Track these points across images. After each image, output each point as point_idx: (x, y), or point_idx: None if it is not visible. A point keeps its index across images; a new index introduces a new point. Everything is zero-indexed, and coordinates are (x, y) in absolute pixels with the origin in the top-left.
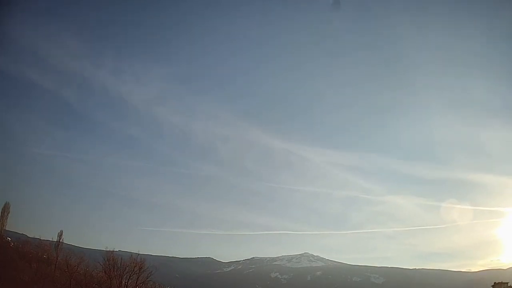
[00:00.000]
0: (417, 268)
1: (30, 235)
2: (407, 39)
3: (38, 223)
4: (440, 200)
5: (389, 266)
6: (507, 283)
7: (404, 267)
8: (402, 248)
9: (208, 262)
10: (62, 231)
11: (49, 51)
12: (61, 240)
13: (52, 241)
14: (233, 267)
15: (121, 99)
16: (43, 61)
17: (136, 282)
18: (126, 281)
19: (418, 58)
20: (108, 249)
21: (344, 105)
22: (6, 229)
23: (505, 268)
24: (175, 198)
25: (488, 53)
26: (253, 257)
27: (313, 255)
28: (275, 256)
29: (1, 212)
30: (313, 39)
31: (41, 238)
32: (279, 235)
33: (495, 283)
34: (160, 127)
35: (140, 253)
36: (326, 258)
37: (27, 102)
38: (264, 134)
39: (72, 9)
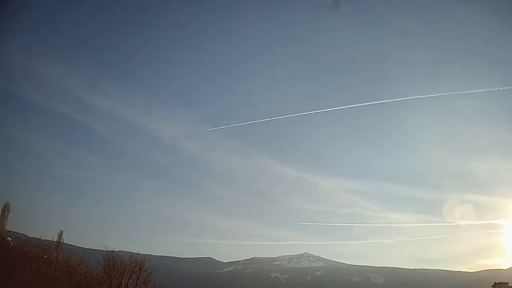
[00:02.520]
0: (417, 268)
1: (30, 235)
2: (405, 89)
3: (38, 223)
4: (437, 216)
5: (389, 266)
6: (507, 283)
7: (404, 267)
8: (402, 255)
9: (208, 262)
10: (62, 231)
11: (86, 92)
12: (61, 240)
13: (52, 241)
14: (233, 267)
15: (149, 133)
16: (80, 100)
17: (136, 282)
18: (126, 281)
19: (414, 104)
20: (108, 249)
21: (348, 143)
22: (6, 229)
23: (505, 268)
24: (187, 212)
25: (482, 98)
26: (253, 257)
27: (313, 255)
28: (275, 256)
29: (1, 212)
30: (322, 89)
31: (41, 238)
32: (285, 245)
33: (495, 283)
34: (183, 156)
35: (140, 253)
36: (326, 258)
37: (56, 131)
38: (278, 164)
39: (105, 54)
